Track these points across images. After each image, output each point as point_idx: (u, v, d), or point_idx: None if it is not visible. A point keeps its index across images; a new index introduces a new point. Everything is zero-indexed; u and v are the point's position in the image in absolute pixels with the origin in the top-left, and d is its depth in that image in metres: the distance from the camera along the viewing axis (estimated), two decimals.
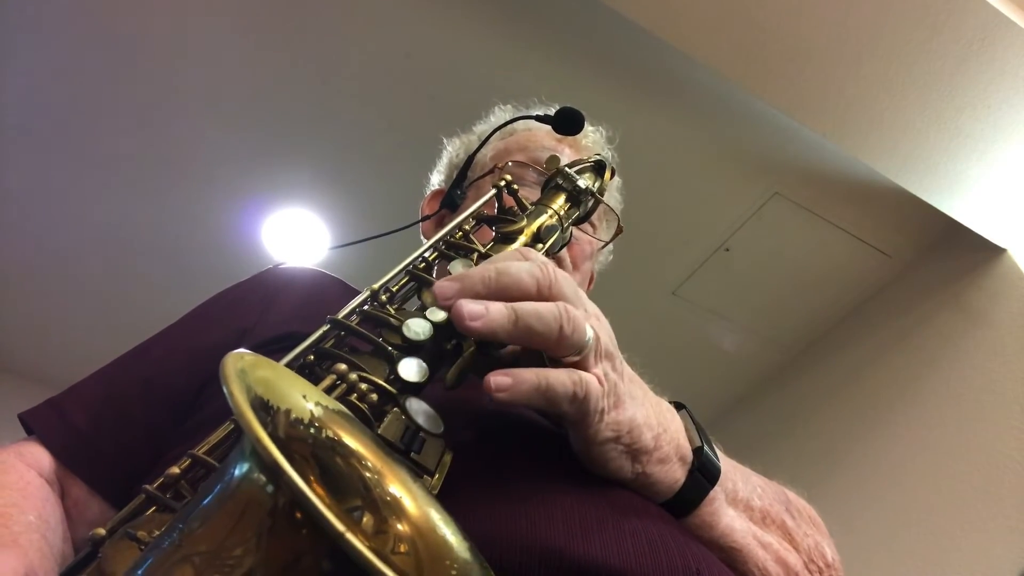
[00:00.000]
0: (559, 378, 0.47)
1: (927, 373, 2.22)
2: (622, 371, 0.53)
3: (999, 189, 2.00)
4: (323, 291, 0.81)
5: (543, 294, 0.48)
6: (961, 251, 2.26)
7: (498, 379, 0.44)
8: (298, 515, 0.25)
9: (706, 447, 0.57)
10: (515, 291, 0.47)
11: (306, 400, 0.36)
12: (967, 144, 1.90)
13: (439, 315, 0.48)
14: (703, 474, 0.56)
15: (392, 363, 0.46)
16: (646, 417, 0.53)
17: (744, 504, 0.60)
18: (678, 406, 0.62)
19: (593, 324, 0.51)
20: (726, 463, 0.60)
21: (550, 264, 0.50)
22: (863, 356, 2.51)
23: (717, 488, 0.57)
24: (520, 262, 0.49)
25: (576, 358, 0.48)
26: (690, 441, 0.57)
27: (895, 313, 2.46)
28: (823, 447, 2.46)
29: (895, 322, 2.44)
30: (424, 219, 0.99)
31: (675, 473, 0.55)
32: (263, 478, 0.26)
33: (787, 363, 2.84)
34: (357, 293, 0.53)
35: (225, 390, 0.28)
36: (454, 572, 0.34)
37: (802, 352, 2.80)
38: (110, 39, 2.09)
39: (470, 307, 0.45)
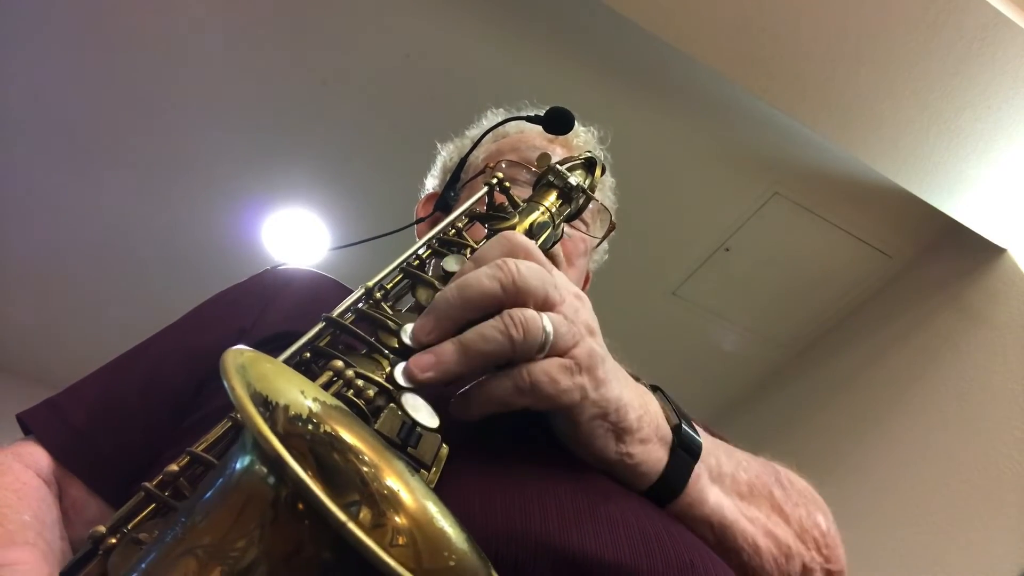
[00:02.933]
0: (497, 383, 0.48)
1: (927, 373, 2.22)
2: (605, 348, 0.54)
3: (999, 189, 2.00)
4: (321, 292, 0.81)
5: (509, 291, 0.49)
6: (961, 251, 2.26)
7: (455, 409, 0.49)
8: (300, 506, 0.25)
9: (684, 424, 0.58)
10: (482, 300, 0.48)
11: (304, 396, 0.36)
12: (967, 144, 1.90)
13: None
14: (685, 450, 0.56)
15: (388, 360, 0.46)
16: (630, 398, 0.54)
17: (730, 478, 0.60)
18: (653, 388, 0.62)
19: (567, 309, 0.51)
20: (707, 440, 0.60)
21: (509, 260, 0.50)
22: (863, 356, 2.51)
23: (700, 465, 0.57)
24: (480, 269, 0.50)
25: (542, 354, 0.49)
26: (667, 421, 0.58)
27: (895, 313, 2.46)
28: (823, 447, 2.46)
29: (895, 322, 2.44)
30: (418, 221, 1.00)
31: (657, 452, 0.55)
32: (265, 471, 0.26)
33: (787, 363, 2.84)
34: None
35: (226, 384, 0.28)
36: (452, 563, 0.35)
37: (802, 352, 2.80)
38: (110, 40, 2.10)
39: (418, 360, 0.46)
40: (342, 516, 0.23)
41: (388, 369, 0.46)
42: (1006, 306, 2.08)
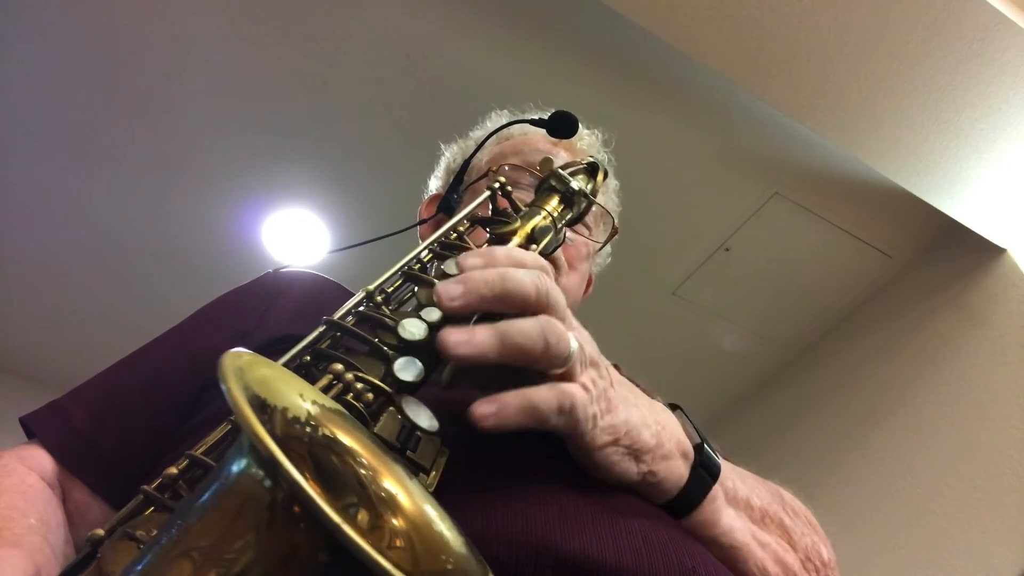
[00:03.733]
0: (542, 395, 0.47)
1: (927, 373, 2.22)
2: (609, 378, 0.53)
3: (999, 189, 2.00)
4: (322, 294, 0.82)
5: (540, 303, 0.48)
6: (961, 251, 2.26)
7: (482, 409, 0.45)
8: (296, 509, 0.25)
9: (706, 443, 0.58)
10: (517, 297, 0.47)
11: (303, 399, 0.36)
12: (967, 144, 1.90)
13: (434, 315, 0.47)
14: (705, 470, 0.56)
15: (388, 363, 0.46)
16: (642, 417, 0.53)
17: (744, 503, 0.60)
18: (672, 407, 0.62)
19: (575, 335, 0.51)
20: (723, 463, 0.60)
21: (546, 274, 0.50)
22: (863, 356, 2.51)
23: (717, 486, 0.57)
24: (522, 270, 0.49)
25: (561, 370, 0.48)
26: (689, 439, 0.58)
27: (895, 313, 2.46)
28: (823, 447, 2.46)
29: (895, 322, 2.44)
30: (421, 223, 1.00)
31: (679, 469, 0.55)
32: (261, 473, 0.26)
33: (787, 363, 2.84)
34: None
35: (223, 387, 0.28)
36: (450, 566, 0.35)
37: (802, 352, 2.80)
38: (110, 40, 2.10)
39: (455, 336, 0.44)
40: (337, 518, 0.23)
41: (387, 367, 0.46)
42: (1006, 306, 2.08)
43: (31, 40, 2.09)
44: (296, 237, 2.61)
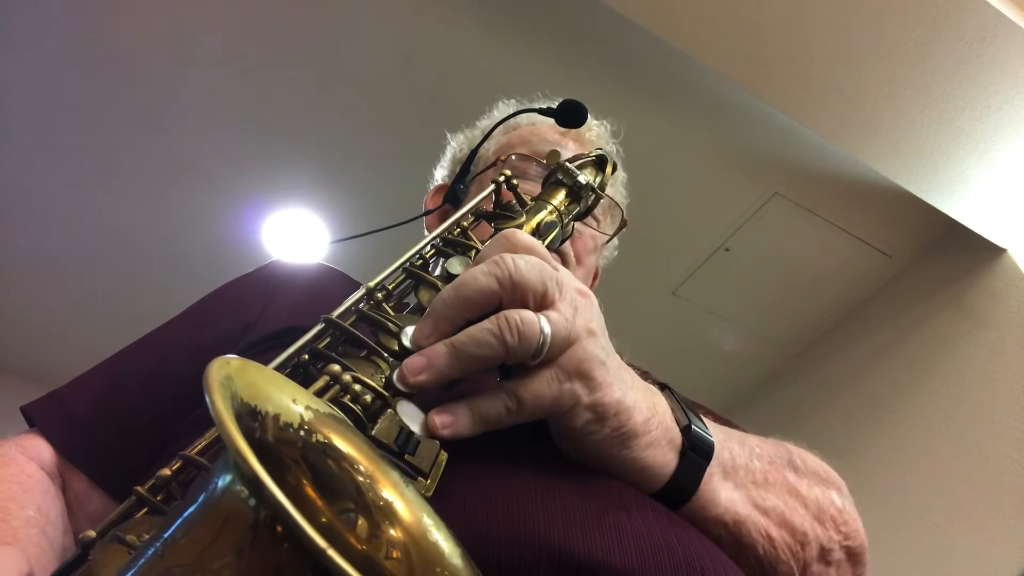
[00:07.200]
0: (488, 405, 0.46)
1: (927, 373, 2.22)
2: (609, 349, 0.52)
3: (999, 189, 1.99)
4: (326, 285, 0.80)
5: (507, 287, 0.47)
6: (961, 251, 2.25)
7: (441, 419, 0.45)
8: (279, 529, 0.25)
9: (693, 424, 0.56)
10: (480, 298, 0.47)
11: (296, 404, 0.35)
12: (967, 144, 1.90)
13: None
14: (697, 452, 0.55)
15: (388, 363, 0.45)
16: (636, 400, 0.52)
17: (744, 469, 0.59)
18: (661, 387, 0.61)
19: (566, 307, 0.49)
20: (719, 432, 0.58)
21: (506, 255, 0.48)
22: (863, 356, 2.50)
23: (713, 462, 0.55)
24: (479, 267, 0.48)
25: (538, 359, 0.47)
26: (677, 422, 0.56)
27: (895, 313, 2.45)
28: (823, 447, 2.43)
29: (895, 322, 2.43)
30: (427, 213, 0.98)
31: (665, 456, 0.53)
32: (245, 491, 0.26)
33: (787, 363, 2.84)
34: (359, 287, 0.52)
35: (207, 399, 0.27)
36: None
37: (802, 352, 2.79)
38: (111, 39, 2.09)
39: (409, 363, 0.45)
40: (322, 542, 0.23)
41: (387, 373, 0.45)
42: (1006, 306, 2.08)
43: (32, 42, 2.09)
44: (296, 237, 2.61)
